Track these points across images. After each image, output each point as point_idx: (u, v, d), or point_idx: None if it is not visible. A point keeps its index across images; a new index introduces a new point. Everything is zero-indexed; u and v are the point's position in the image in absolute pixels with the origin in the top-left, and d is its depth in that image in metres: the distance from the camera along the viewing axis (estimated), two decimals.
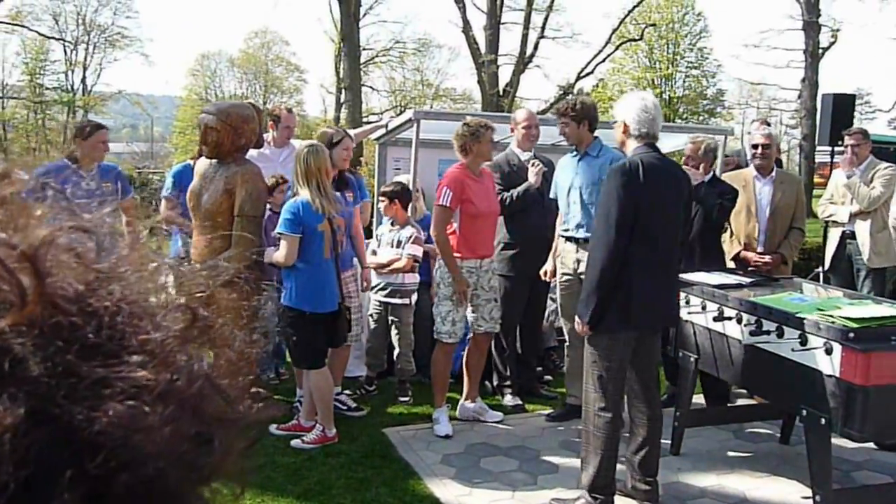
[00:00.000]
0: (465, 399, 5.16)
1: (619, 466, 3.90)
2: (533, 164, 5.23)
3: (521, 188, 5.20)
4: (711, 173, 5.37)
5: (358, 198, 5.36)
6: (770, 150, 5.56)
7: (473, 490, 4.14)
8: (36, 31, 36.12)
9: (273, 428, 4.81)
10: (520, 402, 5.42)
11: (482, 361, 5.19)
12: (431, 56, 38.26)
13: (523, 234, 5.25)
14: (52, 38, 37.29)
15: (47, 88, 38.82)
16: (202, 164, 5.10)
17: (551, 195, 5.02)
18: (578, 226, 4.82)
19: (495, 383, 5.65)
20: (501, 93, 23.31)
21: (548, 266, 5.18)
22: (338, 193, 4.99)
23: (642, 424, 3.96)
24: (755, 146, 5.62)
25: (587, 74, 26.53)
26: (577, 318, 3.71)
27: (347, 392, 5.46)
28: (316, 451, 4.55)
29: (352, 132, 6.75)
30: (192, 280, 0.63)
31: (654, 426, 3.97)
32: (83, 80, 39.16)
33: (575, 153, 4.94)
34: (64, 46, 38.31)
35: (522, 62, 24.48)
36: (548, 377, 6.00)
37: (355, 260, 5.28)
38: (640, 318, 3.71)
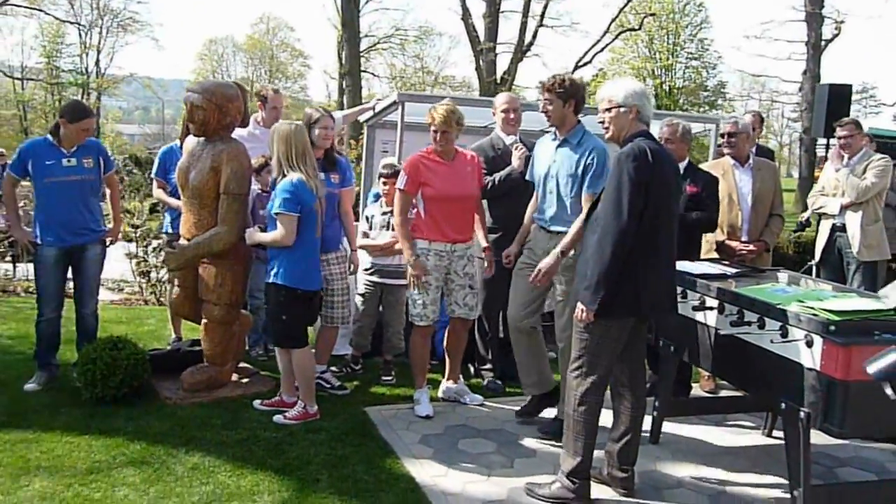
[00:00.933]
0: (447, 380, 5.04)
1: (595, 453, 3.77)
2: (517, 149, 5.05)
3: (503, 173, 5.02)
4: (687, 161, 5.19)
5: (348, 179, 5.20)
6: (736, 139, 5.33)
7: (450, 471, 4.02)
8: (53, 16, 36.49)
9: (257, 403, 4.77)
10: (500, 385, 5.30)
11: (461, 345, 5.04)
12: (432, 44, 38.28)
13: (506, 218, 5.05)
14: (68, 21, 37.61)
15: (63, 71, 39.10)
16: (191, 142, 5.06)
17: (527, 177, 4.70)
18: (553, 218, 4.38)
19: (476, 366, 5.54)
20: (499, 80, 23.12)
21: (511, 249, 4.74)
22: (323, 174, 4.85)
23: (625, 412, 3.83)
24: (723, 134, 5.43)
25: (586, 63, 26.31)
26: (579, 303, 3.52)
27: (333, 369, 5.37)
28: (297, 427, 4.48)
29: (340, 114, 6.62)
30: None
31: (637, 415, 3.84)
32: (97, 62, 39.46)
33: (554, 136, 4.45)
34: (79, 30, 38.59)
35: (521, 50, 24.27)
36: None
37: (344, 242, 5.14)
38: (649, 306, 3.57)
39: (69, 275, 5.21)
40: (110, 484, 3.68)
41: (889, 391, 1.61)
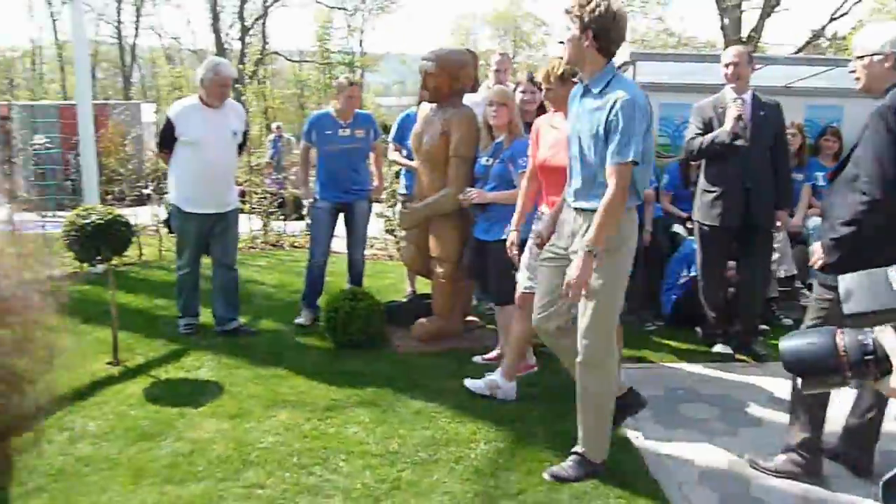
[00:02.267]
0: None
1: (832, 429, 3.34)
2: (731, 106, 4.49)
3: (708, 137, 4.53)
4: None
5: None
6: None
7: (669, 434, 3.75)
8: (323, 4, 39.28)
9: (477, 358, 4.73)
10: (730, 352, 4.85)
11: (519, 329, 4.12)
12: (674, 4, 35.97)
13: (719, 180, 4.59)
14: (336, 7, 40.23)
15: (332, 52, 42.05)
16: (424, 108, 5.12)
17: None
18: (578, 192, 3.20)
19: (704, 330, 5.11)
20: (745, 39, 21.24)
21: (541, 228, 3.64)
22: None
23: (870, 388, 3.30)
24: None
25: (842, 15, 23.34)
26: (820, 244, 3.09)
27: None
28: (518, 380, 4.29)
29: None
30: None
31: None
32: (360, 42, 41.81)
33: (579, 84, 3.24)
34: (345, 14, 41.14)
35: (770, 5, 22.08)
36: (764, 326, 5.29)
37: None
38: None
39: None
40: (343, 421, 3.84)
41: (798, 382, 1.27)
